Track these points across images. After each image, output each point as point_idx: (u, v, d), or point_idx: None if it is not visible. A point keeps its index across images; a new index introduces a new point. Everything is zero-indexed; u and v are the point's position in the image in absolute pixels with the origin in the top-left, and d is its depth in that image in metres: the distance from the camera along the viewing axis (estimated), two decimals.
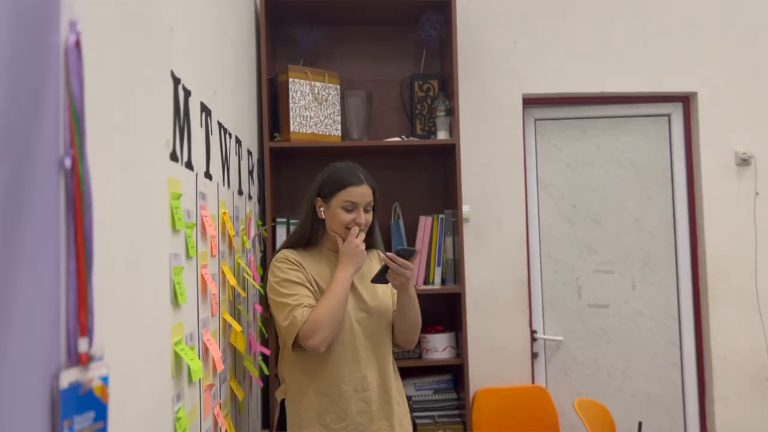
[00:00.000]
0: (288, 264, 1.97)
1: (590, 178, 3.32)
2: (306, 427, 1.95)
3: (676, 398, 3.26)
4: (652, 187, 3.33)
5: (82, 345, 0.78)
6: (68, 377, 0.75)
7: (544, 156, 3.31)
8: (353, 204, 1.98)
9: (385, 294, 2.05)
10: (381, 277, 1.95)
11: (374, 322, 2.00)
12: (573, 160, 3.32)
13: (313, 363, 1.95)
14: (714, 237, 3.21)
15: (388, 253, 1.93)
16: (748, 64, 3.28)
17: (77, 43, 0.80)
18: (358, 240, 1.95)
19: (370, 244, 2.11)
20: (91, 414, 0.79)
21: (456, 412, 2.84)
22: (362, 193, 1.99)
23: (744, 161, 3.22)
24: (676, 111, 3.36)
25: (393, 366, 2.05)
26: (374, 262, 2.11)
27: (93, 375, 0.79)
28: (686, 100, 3.34)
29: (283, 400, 2.03)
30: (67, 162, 0.77)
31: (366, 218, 1.99)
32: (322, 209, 2.02)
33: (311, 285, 1.96)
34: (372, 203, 2.02)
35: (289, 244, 2.06)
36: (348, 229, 1.99)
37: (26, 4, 0.71)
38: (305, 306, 1.89)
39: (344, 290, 1.91)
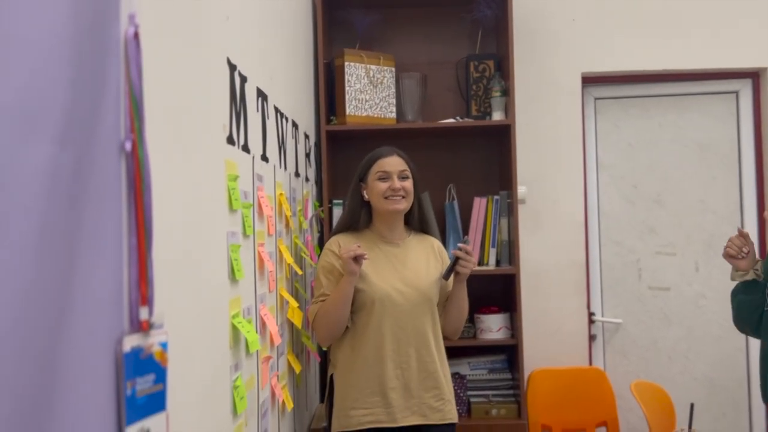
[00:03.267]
0: (331, 254, 2.10)
1: (652, 157, 3.24)
2: (349, 401, 2.03)
3: (740, 384, 3.17)
4: (718, 166, 3.22)
5: (143, 313, 0.85)
6: (130, 342, 0.82)
7: (603, 136, 3.25)
8: (386, 173, 2.10)
9: (429, 279, 2.11)
10: (450, 271, 2.08)
11: (418, 303, 2.07)
12: (634, 139, 3.25)
13: (358, 340, 2.04)
14: None
15: (461, 245, 2.06)
16: None
17: (136, 35, 0.86)
18: (345, 250, 1.99)
19: (424, 230, 2.20)
20: (151, 376, 0.86)
21: (510, 392, 2.86)
22: (392, 162, 2.12)
23: None
24: (745, 88, 3.23)
25: (436, 345, 2.10)
26: (428, 249, 2.18)
27: (153, 341, 0.86)
28: (756, 76, 3.20)
29: (332, 375, 2.12)
30: (128, 146, 0.83)
31: (402, 185, 2.08)
32: (365, 192, 2.13)
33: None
34: (407, 172, 2.12)
35: (340, 229, 2.19)
36: (386, 198, 2.08)
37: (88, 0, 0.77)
38: (320, 302, 2.05)
39: (342, 298, 1.99)
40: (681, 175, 3.23)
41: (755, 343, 3.13)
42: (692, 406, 2.56)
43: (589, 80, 3.19)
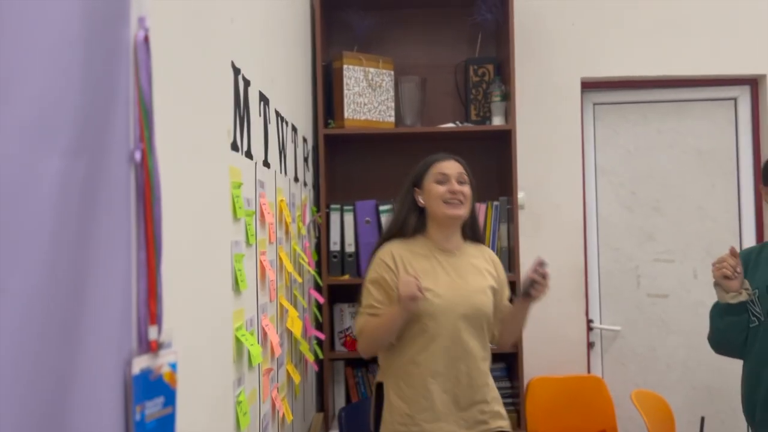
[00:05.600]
0: (383, 265, 1.99)
1: (651, 164, 3.22)
2: (398, 416, 1.96)
3: (738, 392, 3.16)
4: (717, 173, 3.21)
5: (152, 332, 0.80)
6: (140, 364, 0.77)
7: (602, 141, 3.23)
8: (444, 176, 2.00)
9: (487, 294, 2.03)
10: (525, 294, 1.99)
11: (474, 318, 1.98)
12: (633, 145, 3.23)
13: (411, 352, 1.96)
14: None
15: (539, 270, 1.95)
16: None
17: (146, 39, 0.81)
18: (413, 284, 1.85)
19: (474, 237, 2.12)
20: (160, 399, 0.81)
21: (510, 400, 2.82)
22: (450, 165, 2.03)
23: None
24: (744, 94, 3.22)
25: (484, 358, 2.04)
26: (480, 257, 2.09)
27: (162, 361, 0.82)
28: (754, 83, 3.20)
29: (380, 384, 2.05)
30: (137, 155, 0.79)
31: (461, 189, 1.99)
32: (420, 197, 2.04)
33: (395, 284, 1.94)
34: (465, 176, 2.03)
35: (391, 236, 2.07)
36: (445, 203, 1.98)
37: (98, 1, 0.72)
38: (368, 314, 1.97)
39: (391, 327, 1.91)
40: (679, 181, 3.22)
41: None
42: (702, 420, 2.55)
43: (589, 85, 3.17)
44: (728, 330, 2.06)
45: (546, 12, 3.10)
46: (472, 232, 2.10)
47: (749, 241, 3.16)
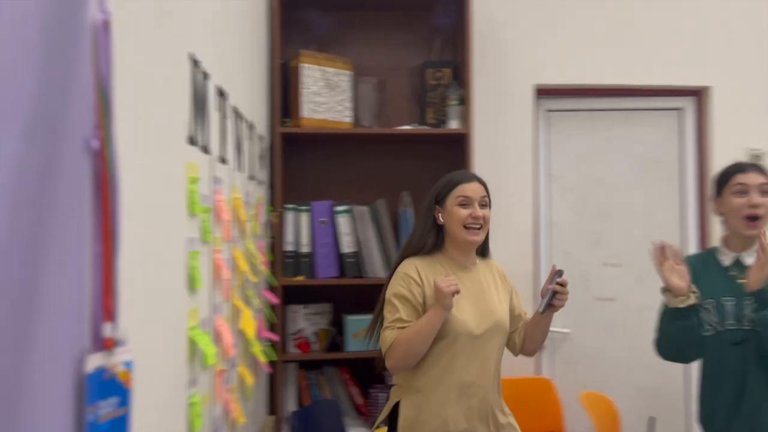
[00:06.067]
0: (410, 280, 1.98)
1: (600, 170, 3.30)
2: (417, 429, 1.95)
3: (679, 393, 3.26)
4: (662, 181, 3.31)
5: (107, 329, 0.77)
6: (93, 362, 0.74)
7: (554, 147, 3.29)
8: (467, 198, 2.00)
9: (504, 310, 2.07)
10: (547, 305, 2.01)
11: (493, 335, 2.01)
12: (583, 152, 3.30)
13: (432, 371, 1.95)
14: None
15: (560, 280, 1.98)
16: (762, 59, 3.26)
17: (106, 23, 0.78)
18: (447, 283, 1.88)
19: (483, 253, 2.13)
20: (114, 399, 0.78)
21: None
22: (474, 188, 2.02)
23: (756, 157, 3.19)
24: (689, 105, 3.33)
25: (498, 373, 2.06)
26: (494, 273, 2.12)
27: (117, 360, 0.78)
28: (699, 95, 3.31)
29: (398, 402, 2.01)
30: (95, 144, 0.75)
31: (483, 213, 2.01)
32: (440, 215, 2.03)
33: (423, 298, 1.96)
34: (486, 199, 2.04)
35: (411, 252, 2.05)
36: (466, 228, 1.99)
37: None
38: (397, 328, 1.94)
39: (430, 331, 1.90)
40: (627, 188, 3.30)
41: None
42: (651, 420, 2.59)
43: (542, 92, 3.22)
44: (678, 335, 2.04)
45: (503, 19, 3.14)
46: (482, 247, 2.12)
47: (693, 247, 3.27)
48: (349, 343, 2.76)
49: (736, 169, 2.12)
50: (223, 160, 1.68)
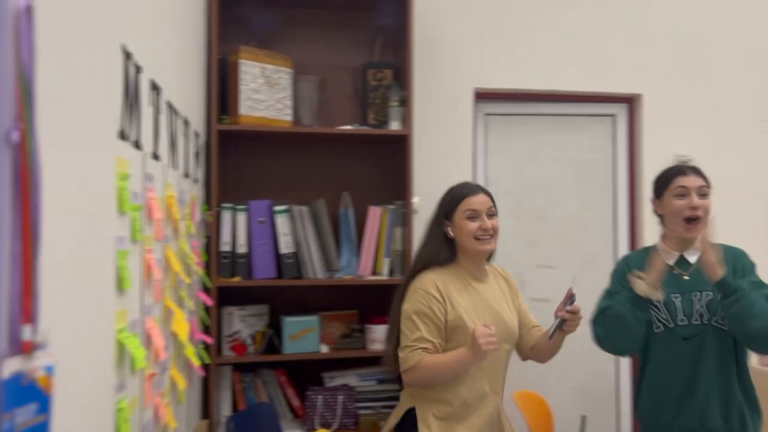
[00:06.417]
0: (430, 297, 2.00)
1: (536, 174, 3.37)
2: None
3: (610, 392, 3.37)
4: (595, 186, 3.41)
5: (26, 332, 0.73)
6: (10, 366, 0.69)
7: (492, 151, 3.35)
8: (475, 212, 2.05)
9: (514, 318, 2.13)
10: (555, 331, 2.04)
11: (503, 342, 2.05)
12: (520, 156, 3.37)
13: (450, 383, 2.00)
14: (654, 236, 3.31)
15: (570, 308, 2.01)
16: (691, 69, 3.41)
17: (29, 9, 0.74)
18: (489, 332, 1.90)
19: (488, 257, 2.16)
20: (33, 406, 0.74)
21: (394, 403, 2.84)
22: (480, 200, 2.07)
23: (683, 163, 3.33)
24: (621, 112, 3.44)
25: (504, 382, 2.13)
26: (498, 279, 2.17)
27: (37, 364, 0.74)
28: (631, 102, 3.43)
29: (410, 409, 2.05)
30: (15, 136, 0.71)
31: (491, 223, 2.05)
32: (449, 229, 2.07)
33: (445, 316, 2.00)
34: (493, 209, 2.09)
35: (423, 266, 2.08)
36: (477, 239, 2.03)
37: None
38: (421, 348, 1.97)
39: (457, 369, 1.96)
40: (561, 192, 3.39)
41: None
42: (584, 418, 2.65)
43: (482, 96, 3.27)
44: (634, 324, 2.04)
45: (444, 22, 3.17)
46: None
47: (624, 249, 3.38)
48: (286, 345, 2.73)
49: (676, 171, 2.18)
50: (156, 157, 1.63)
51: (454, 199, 2.09)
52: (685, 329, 2.09)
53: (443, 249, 2.08)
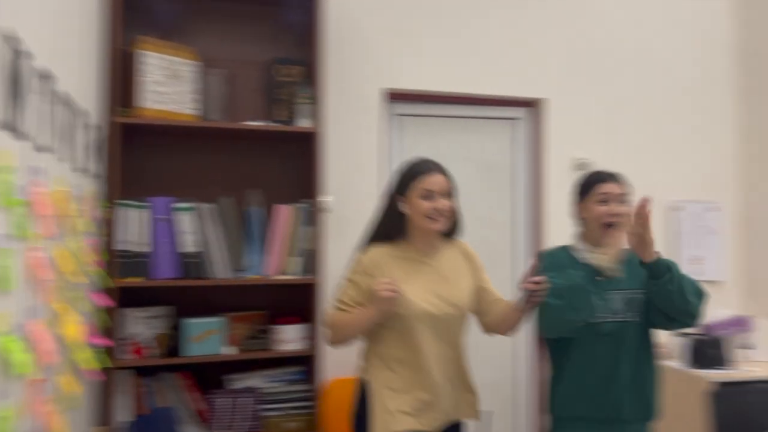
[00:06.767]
0: (360, 267, 2.12)
1: None
2: (393, 405, 2.05)
3: (507, 383, 3.48)
4: (498, 187, 3.52)
5: None
6: None
7: (402, 151, 3.38)
8: (429, 192, 2.06)
9: (466, 292, 2.17)
10: (525, 302, 2.12)
11: (455, 318, 2.12)
12: (431, 156, 3.40)
13: (398, 353, 2.08)
14: (554, 237, 3.45)
15: (532, 280, 2.07)
16: (592, 75, 3.57)
17: None
18: (385, 286, 1.98)
19: (451, 233, 2.21)
20: None
21: (307, 403, 2.82)
22: (436, 180, 2.07)
23: (580, 166, 3.49)
24: (524, 115, 3.56)
25: (462, 354, 2.20)
26: (456, 255, 2.21)
27: None
28: (533, 106, 3.56)
29: (363, 381, 2.14)
30: None
31: (446, 204, 2.07)
32: (402, 204, 2.08)
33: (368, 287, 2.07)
34: (449, 190, 2.09)
35: (375, 239, 2.15)
36: (430, 218, 2.05)
37: None
38: (337, 309, 2.13)
39: (362, 322, 2.06)
40: (466, 192, 3.46)
41: (521, 345, 3.46)
42: (489, 413, 2.70)
43: (394, 96, 3.30)
44: (592, 295, 2.12)
45: (356, 20, 3.18)
46: (451, 230, 2.19)
47: (525, 249, 3.50)
48: (188, 347, 2.64)
49: (598, 178, 2.28)
50: (45, 149, 1.54)
51: (410, 174, 2.11)
52: (604, 326, 2.18)
53: (394, 224, 2.11)
